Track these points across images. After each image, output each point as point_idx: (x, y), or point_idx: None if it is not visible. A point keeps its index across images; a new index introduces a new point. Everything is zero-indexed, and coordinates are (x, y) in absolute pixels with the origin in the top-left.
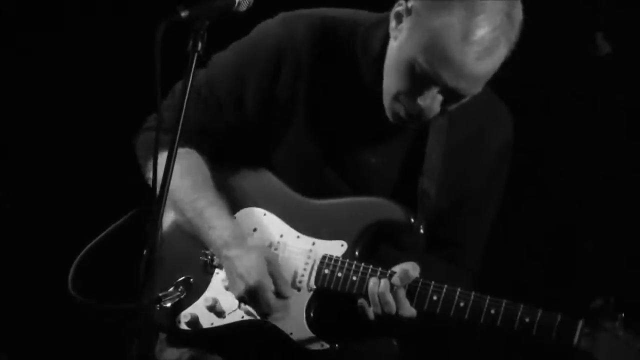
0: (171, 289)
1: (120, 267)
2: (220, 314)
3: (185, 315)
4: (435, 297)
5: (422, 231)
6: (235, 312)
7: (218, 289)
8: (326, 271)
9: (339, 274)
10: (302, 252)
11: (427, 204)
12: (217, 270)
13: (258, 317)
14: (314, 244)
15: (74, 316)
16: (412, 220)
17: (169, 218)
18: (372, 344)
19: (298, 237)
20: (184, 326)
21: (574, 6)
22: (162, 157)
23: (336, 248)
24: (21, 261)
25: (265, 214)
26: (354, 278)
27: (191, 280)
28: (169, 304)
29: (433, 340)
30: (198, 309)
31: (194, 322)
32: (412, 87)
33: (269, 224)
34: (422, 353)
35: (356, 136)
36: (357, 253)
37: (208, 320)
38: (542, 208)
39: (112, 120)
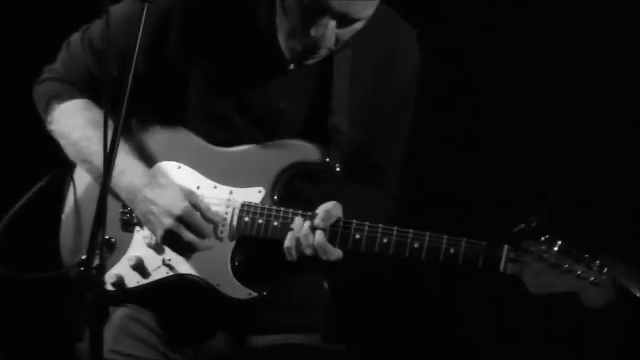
0: None
1: (39, 233)
2: (144, 272)
3: (110, 276)
4: (357, 236)
5: (338, 169)
6: (159, 269)
7: (140, 247)
8: (246, 219)
9: (260, 221)
10: (220, 202)
11: (341, 140)
12: (137, 227)
13: (180, 271)
14: (231, 192)
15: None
16: (327, 159)
17: (84, 178)
18: (302, 287)
19: (215, 187)
20: (110, 287)
21: None
22: (65, 106)
23: (254, 195)
24: None
25: (179, 167)
26: (275, 223)
27: (113, 240)
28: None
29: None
30: (122, 269)
31: (120, 282)
32: (303, 19)
33: (185, 177)
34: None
35: (260, 82)
36: (275, 197)
37: (133, 280)
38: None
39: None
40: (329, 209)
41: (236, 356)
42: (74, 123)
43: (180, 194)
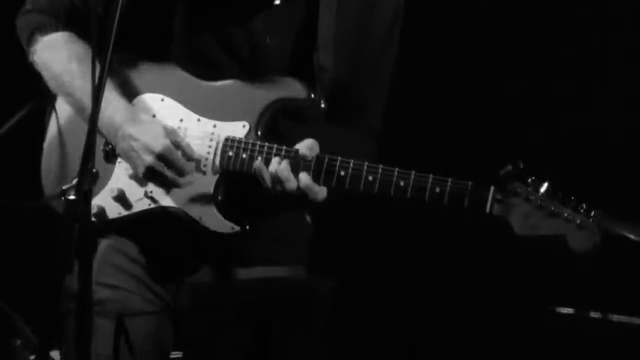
0: (74, 181)
1: (20, 162)
2: (126, 203)
3: (92, 207)
4: (342, 173)
5: (322, 105)
6: (141, 200)
7: (122, 178)
8: (230, 153)
9: (244, 155)
10: (204, 135)
11: (325, 78)
12: (119, 159)
13: (163, 204)
14: (215, 126)
15: None
16: (313, 95)
17: (66, 110)
18: (285, 221)
19: (199, 120)
20: (91, 218)
21: None
22: (48, 38)
23: (239, 129)
24: None
25: (162, 99)
26: (259, 159)
27: (95, 170)
28: (73, 197)
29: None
30: (103, 200)
31: (101, 213)
32: None
33: (168, 109)
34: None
35: (245, 18)
36: (259, 133)
37: (115, 211)
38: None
39: None
40: (311, 146)
41: (220, 289)
42: (57, 56)
43: (161, 130)
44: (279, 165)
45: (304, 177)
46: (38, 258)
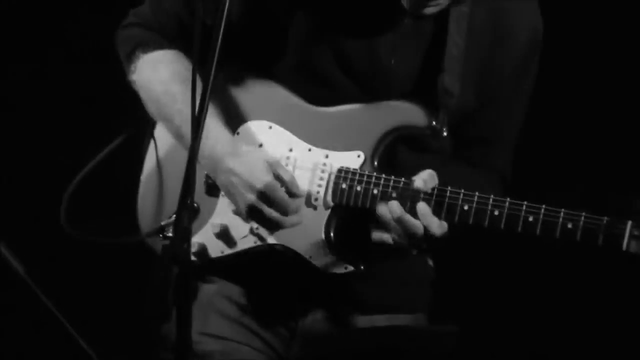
0: (173, 216)
1: (113, 197)
2: (230, 241)
3: (192, 244)
4: (466, 207)
5: (445, 134)
6: (246, 238)
7: (226, 213)
8: (344, 186)
9: (358, 188)
10: (315, 166)
11: (450, 103)
12: (222, 192)
13: (269, 241)
14: (327, 156)
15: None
16: (434, 122)
17: (166, 138)
18: (404, 263)
19: (310, 150)
20: (191, 257)
21: None
22: (150, 56)
23: (353, 159)
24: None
25: (271, 127)
26: (375, 192)
27: (196, 205)
28: (170, 235)
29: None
30: (205, 237)
31: (202, 251)
32: None
33: (276, 138)
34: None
35: (369, 36)
36: (375, 163)
37: (217, 249)
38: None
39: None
40: (430, 177)
41: (335, 339)
42: (158, 76)
43: (263, 165)
44: (393, 212)
45: (423, 208)
46: (132, 301)
